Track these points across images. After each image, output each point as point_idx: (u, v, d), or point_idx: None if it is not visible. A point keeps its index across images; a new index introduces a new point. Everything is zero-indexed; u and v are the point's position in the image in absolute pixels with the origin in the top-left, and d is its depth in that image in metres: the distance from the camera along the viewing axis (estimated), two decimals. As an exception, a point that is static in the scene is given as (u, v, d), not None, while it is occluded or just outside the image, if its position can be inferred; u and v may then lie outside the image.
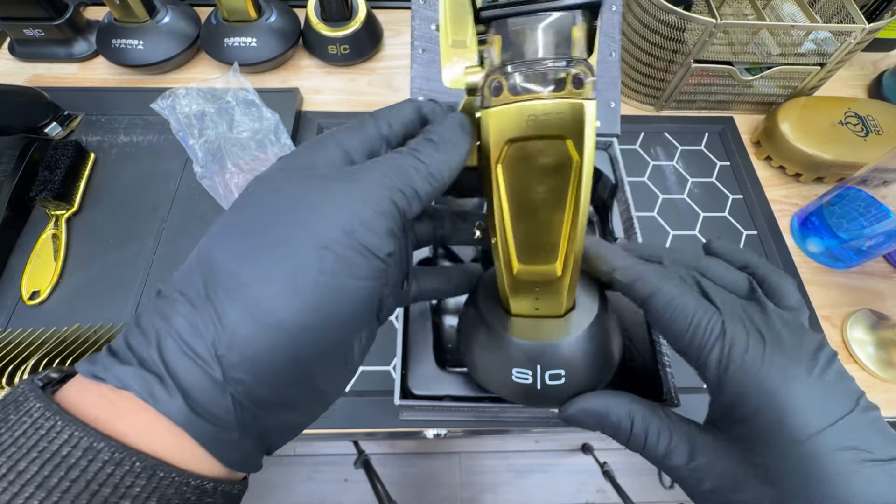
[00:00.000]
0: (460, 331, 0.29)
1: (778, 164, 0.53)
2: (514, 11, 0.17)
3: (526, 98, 0.17)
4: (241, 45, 0.55)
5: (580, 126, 0.17)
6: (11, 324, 0.41)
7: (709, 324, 0.19)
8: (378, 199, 0.16)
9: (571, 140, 0.18)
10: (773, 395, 0.17)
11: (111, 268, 0.44)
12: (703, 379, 0.20)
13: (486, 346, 0.26)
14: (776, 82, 0.53)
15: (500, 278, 0.23)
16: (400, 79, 0.59)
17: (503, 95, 0.17)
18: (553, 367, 0.24)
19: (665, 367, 0.31)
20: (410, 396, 0.31)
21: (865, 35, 0.47)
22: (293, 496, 1.11)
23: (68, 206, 0.46)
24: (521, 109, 0.18)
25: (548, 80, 0.17)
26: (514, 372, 0.24)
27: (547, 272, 0.22)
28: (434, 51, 0.42)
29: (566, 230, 0.20)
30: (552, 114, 0.18)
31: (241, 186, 0.45)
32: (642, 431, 0.21)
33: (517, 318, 0.25)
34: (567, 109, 0.17)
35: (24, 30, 0.56)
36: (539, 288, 0.23)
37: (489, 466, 1.17)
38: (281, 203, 0.16)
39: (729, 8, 0.59)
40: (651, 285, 0.21)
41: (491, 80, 0.17)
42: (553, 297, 0.24)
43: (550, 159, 0.19)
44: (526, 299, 0.24)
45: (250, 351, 0.15)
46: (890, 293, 0.46)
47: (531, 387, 0.24)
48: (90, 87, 0.56)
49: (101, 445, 0.13)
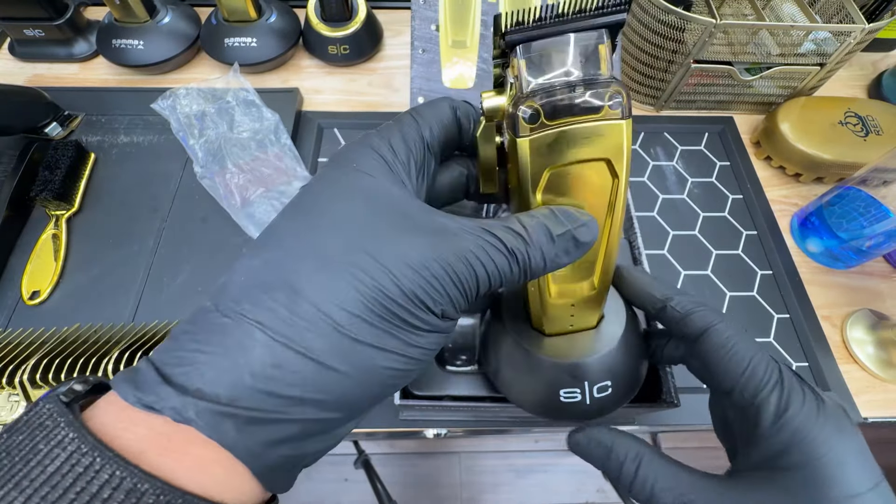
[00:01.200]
0: (487, 351, 0.28)
1: (778, 164, 0.53)
2: (543, 34, 0.17)
3: (564, 123, 0.17)
4: (241, 45, 0.55)
5: (619, 147, 0.17)
6: (12, 324, 0.41)
7: (767, 368, 0.19)
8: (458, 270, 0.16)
9: (611, 160, 0.18)
10: (831, 448, 0.18)
11: (111, 268, 0.44)
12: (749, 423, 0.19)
13: (526, 372, 0.25)
14: (776, 82, 0.53)
15: (535, 300, 0.23)
16: (400, 79, 0.59)
17: (539, 122, 0.17)
18: (601, 381, 0.24)
19: (664, 367, 0.31)
20: (410, 396, 0.31)
21: (865, 35, 0.47)
22: (293, 496, 1.11)
23: (68, 206, 0.46)
24: (561, 136, 0.17)
25: (584, 104, 0.17)
26: (563, 393, 0.24)
27: (583, 289, 0.23)
28: (434, 51, 0.42)
29: (604, 246, 0.21)
30: (592, 137, 0.17)
31: (241, 186, 0.45)
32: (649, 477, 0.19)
33: (553, 339, 0.25)
34: (607, 132, 0.17)
35: (25, 30, 0.56)
36: (574, 305, 0.23)
37: (489, 466, 1.17)
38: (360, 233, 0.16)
39: (728, 8, 0.59)
40: (708, 320, 0.21)
41: (525, 107, 0.17)
42: (588, 312, 0.24)
43: (589, 181, 0.19)
44: (561, 318, 0.24)
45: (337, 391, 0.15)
46: (890, 293, 0.46)
47: (581, 403, 0.24)
48: (90, 87, 0.56)
49: (145, 487, 0.12)
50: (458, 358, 0.37)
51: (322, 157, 0.52)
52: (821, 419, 0.18)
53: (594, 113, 0.17)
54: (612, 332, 0.25)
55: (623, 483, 0.20)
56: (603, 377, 0.24)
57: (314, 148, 0.52)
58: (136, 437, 0.13)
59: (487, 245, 0.16)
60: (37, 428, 0.13)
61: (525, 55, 0.17)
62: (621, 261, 0.34)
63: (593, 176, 0.18)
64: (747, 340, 0.20)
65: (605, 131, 0.17)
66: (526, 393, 0.26)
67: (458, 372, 0.32)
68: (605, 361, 0.24)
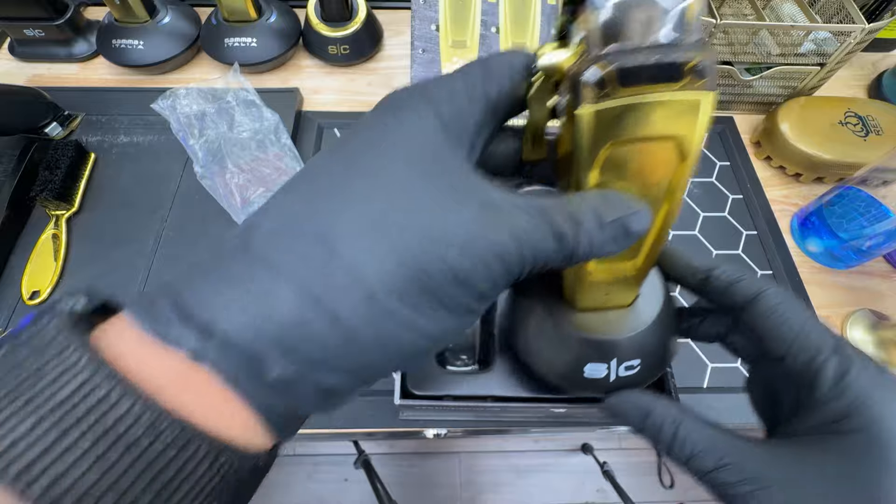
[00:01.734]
0: (512, 322, 0.27)
1: (778, 164, 0.53)
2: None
3: (636, 92, 0.14)
4: (241, 45, 0.55)
5: (697, 124, 0.15)
6: (11, 324, 0.41)
7: (823, 333, 0.19)
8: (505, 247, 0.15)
9: (684, 138, 0.15)
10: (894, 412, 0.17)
11: (111, 268, 0.44)
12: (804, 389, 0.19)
13: (552, 344, 0.24)
14: (776, 82, 0.53)
15: (570, 276, 0.22)
16: (400, 79, 0.59)
17: (608, 90, 0.14)
18: (629, 359, 0.23)
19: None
20: (410, 396, 0.31)
21: (865, 35, 0.47)
22: (293, 496, 1.11)
23: (68, 207, 0.46)
24: (632, 107, 0.15)
25: (664, 71, 0.14)
26: (587, 369, 0.24)
27: (625, 269, 0.21)
28: (434, 51, 0.42)
29: (656, 232, 0.19)
30: (669, 110, 0.15)
31: (241, 186, 0.45)
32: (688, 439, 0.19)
33: (586, 314, 0.24)
34: (687, 106, 0.15)
35: (25, 30, 0.56)
36: (612, 284, 0.22)
37: (489, 466, 1.17)
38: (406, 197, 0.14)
39: (729, 8, 0.59)
40: (757, 286, 0.21)
41: (592, 70, 0.14)
42: (626, 291, 0.23)
43: (655, 160, 0.16)
44: (596, 295, 0.23)
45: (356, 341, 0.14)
46: (890, 293, 0.46)
47: (604, 380, 0.24)
48: (90, 87, 0.56)
49: (164, 425, 0.12)
50: (458, 358, 0.37)
51: (322, 157, 0.52)
52: (883, 383, 0.18)
53: (674, 82, 0.14)
54: (647, 311, 0.23)
55: (662, 445, 0.20)
56: (632, 356, 0.23)
57: (314, 148, 0.52)
58: (153, 372, 0.12)
59: (539, 228, 0.15)
60: (45, 346, 0.12)
61: (602, 5, 0.14)
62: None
63: (661, 154, 0.16)
64: (799, 306, 0.20)
65: (685, 105, 0.15)
66: (548, 364, 0.25)
67: (458, 372, 0.32)
68: (636, 341, 0.23)
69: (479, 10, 0.42)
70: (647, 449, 1.20)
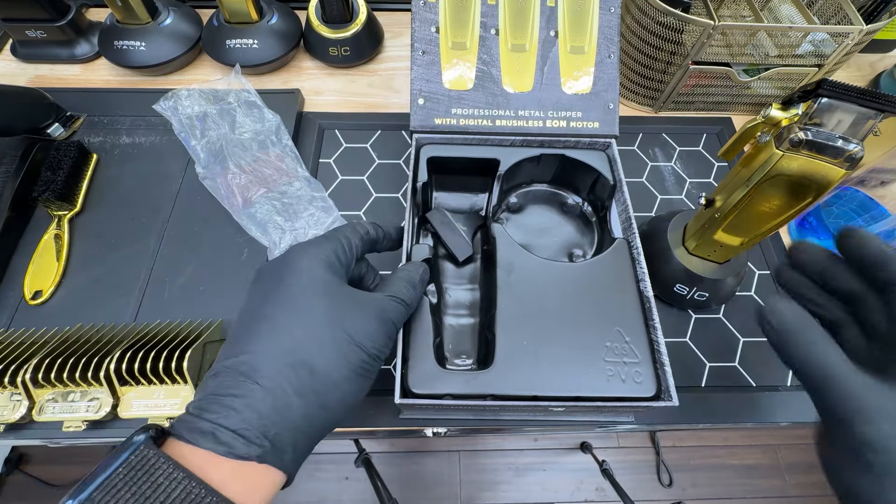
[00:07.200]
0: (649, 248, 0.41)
1: (776, 164, 0.53)
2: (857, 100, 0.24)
3: (810, 156, 0.26)
4: (242, 46, 0.56)
5: (829, 185, 0.26)
6: (14, 324, 0.41)
7: None
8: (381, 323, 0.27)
9: (820, 191, 0.27)
10: None
11: (113, 268, 0.44)
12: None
13: (666, 266, 0.40)
14: (774, 83, 0.53)
15: (699, 232, 0.36)
16: (400, 80, 0.59)
17: (795, 147, 0.26)
18: (705, 291, 0.39)
19: (663, 366, 0.32)
20: (410, 395, 0.31)
21: (863, 36, 0.47)
22: (294, 494, 1.11)
23: (71, 207, 0.47)
24: (805, 163, 0.26)
25: (833, 152, 0.25)
26: (677, 287, 0.40)
27: (734, 241, 0.35)
28: (434, 52, 0.42)
29: (770, 228, 0.32)
30: (820, 172, 0.26)
31: (243, 187, 0.45)
32: None
33: (693, 257, 0.38)
34: (833, 175, 0.26)
35: (27, 31, 0.56)
36: (722, 247, 0.36)
37: (489, 465, 1.17)
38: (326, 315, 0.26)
39: (727, 9, 0.59)
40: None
41: (800, 133, 0.25)
42: (726, 254, 0.37)
43: (792, 193, 0.28)
44: (706, 248, 0.37)
45: None
46: (887, 293, 0.47)
47: (682, 297, 0.40)
48: (92, 88, 0.57)
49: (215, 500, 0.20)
50: (458, 357, 0.37)
51: (323, 158, 0.52)
52: None
53: (834, 159, 0.25)
54: (727, 272, 0.38)
55: None
56: (705, 290, 0.39)
57: (315, 148, 0.52)
58: (219, 475, 0.21)
59: (397, 304, 0.29)
60: (149, 467, 0.19)
61: (825, 100, 0.25)
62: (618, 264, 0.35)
63: (797, 190, 0.28)
64: None
65: (831, 174, 0.26)
66: (659, 275, 0.40)
67: (457, 371, 0.32)
68: (717, 284, 0.39)
69: (478, 13, 0.43)
70: (646, 448, 1.21)
